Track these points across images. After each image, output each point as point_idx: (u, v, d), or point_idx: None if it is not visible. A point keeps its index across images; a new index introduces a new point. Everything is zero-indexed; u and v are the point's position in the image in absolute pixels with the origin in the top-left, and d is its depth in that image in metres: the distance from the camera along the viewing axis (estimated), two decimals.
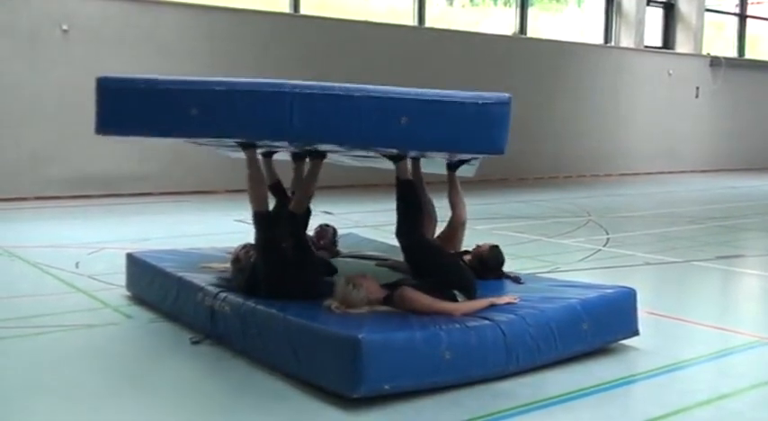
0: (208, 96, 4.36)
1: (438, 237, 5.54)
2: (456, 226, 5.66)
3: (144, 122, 4.63)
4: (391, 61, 16.26)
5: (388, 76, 16.04)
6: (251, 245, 5.10)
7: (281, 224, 4.96)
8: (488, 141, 4.08)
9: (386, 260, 5.95)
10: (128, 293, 6.23)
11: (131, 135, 5.47)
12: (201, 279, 5.36)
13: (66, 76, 13.40)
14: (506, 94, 4.07)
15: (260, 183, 5.15)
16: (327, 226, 6.47)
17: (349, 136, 4.24)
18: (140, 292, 6.07)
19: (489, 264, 5.41)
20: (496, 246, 5.54)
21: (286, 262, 4.79)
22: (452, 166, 5.74)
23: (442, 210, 5.68)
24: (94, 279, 6.80)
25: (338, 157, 6.05)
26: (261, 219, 4.98)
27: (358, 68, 15.68)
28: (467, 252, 5.53)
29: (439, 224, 5.62)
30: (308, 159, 5.43)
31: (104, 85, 4.63)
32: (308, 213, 5.43)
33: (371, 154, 5.28)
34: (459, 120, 4.08)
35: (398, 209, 4.81)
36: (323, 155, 5.22)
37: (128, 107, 4.59)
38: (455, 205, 5.69)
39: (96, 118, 4.66)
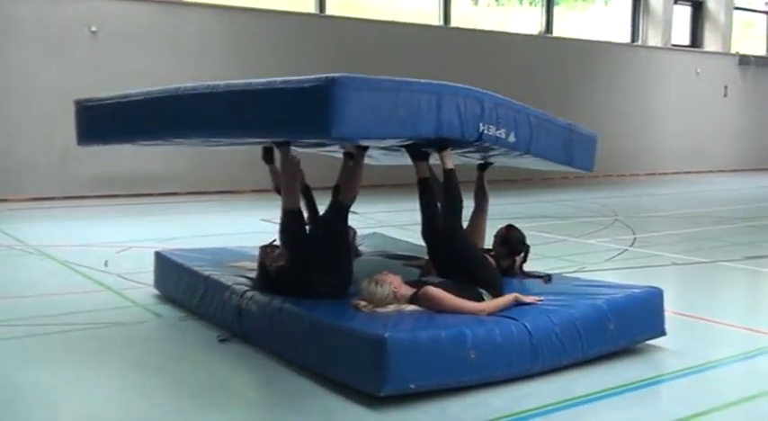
0: (156, 102, 4.92)
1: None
2: (478, 215, 5.69)
3: (113, 132, 5.51)
4: (417, 61, 16.24)
5: (413, 75, 16.09)
6: (273, 244, 5.08)
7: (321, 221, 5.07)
8: (315, 125, 3.98)
9: (412, 259, 5.96)
10: (156, 292, 6.30)
11: (107, 143, 6.09)
12: (229, 278, 5.40)
13: (94, 76, 13.55)
14: (331, 75, 3.89)
15: (296, 181, 5.12)
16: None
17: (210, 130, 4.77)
18: (168, 291, 6.13)
19: (512, 241, 5.46)
20: (511, 224, 5.60)
21: (315, 260, 4.79)
22: (482, 167, 5.81)
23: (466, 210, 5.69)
24: (123, 277, 6.88)
25: (377, 156, 6.10)
26: (295, 216, 4.96)
27: (383, 68, 15.66)
28: (488, 250, 5.51)
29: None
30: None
31: (79, 104, 5.66)
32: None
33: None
34: (284, 106, 4.06)
35: (428, 205, 4.87)
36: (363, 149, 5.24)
37: (101, 120, 5.50)
38: (479, 198, 5.73)
39: (76, 132, 5.71)
